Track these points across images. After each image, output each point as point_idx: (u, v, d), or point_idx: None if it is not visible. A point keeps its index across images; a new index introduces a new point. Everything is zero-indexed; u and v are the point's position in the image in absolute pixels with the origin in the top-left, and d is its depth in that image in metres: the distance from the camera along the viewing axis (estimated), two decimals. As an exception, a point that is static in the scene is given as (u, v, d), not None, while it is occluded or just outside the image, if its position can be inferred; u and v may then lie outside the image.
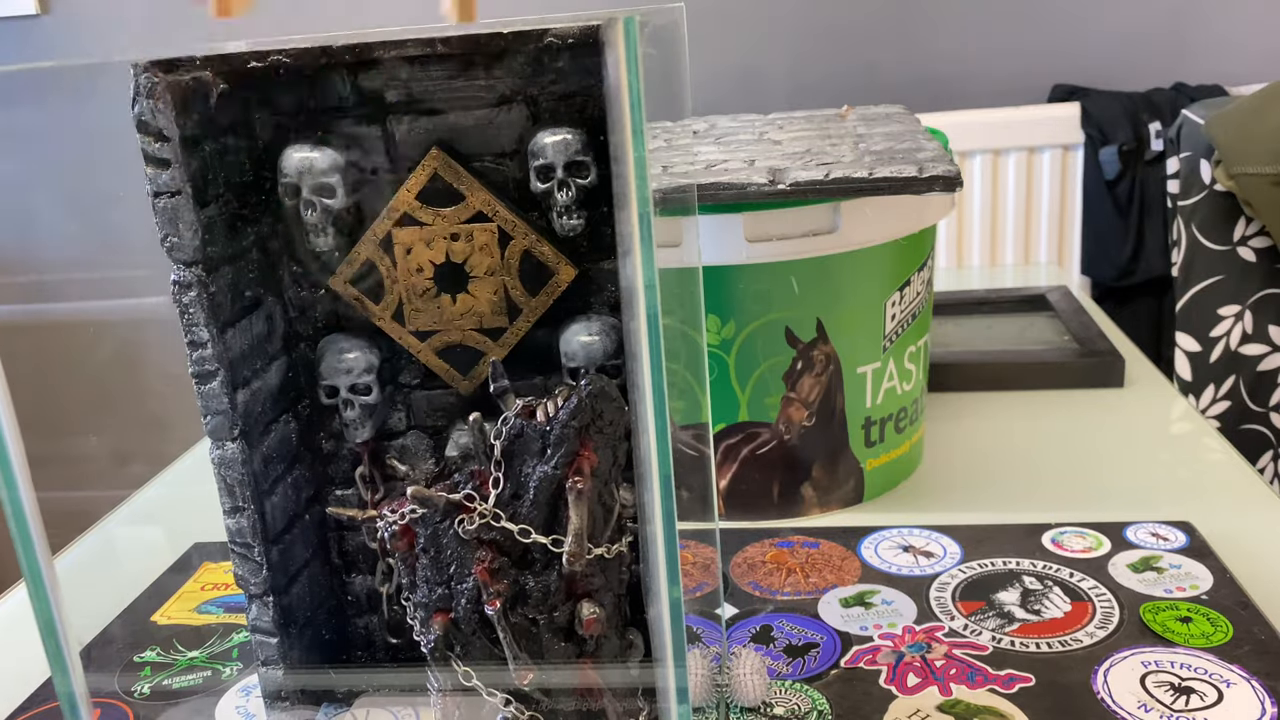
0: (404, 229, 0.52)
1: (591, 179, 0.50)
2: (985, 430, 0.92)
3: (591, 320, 0.52)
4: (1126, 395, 0.98)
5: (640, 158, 0.37)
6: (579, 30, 0.47)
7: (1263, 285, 1.47)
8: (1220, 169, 1.44)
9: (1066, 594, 0.64)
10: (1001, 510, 0.77)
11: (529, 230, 0.51)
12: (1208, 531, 0.70)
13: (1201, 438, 0.89)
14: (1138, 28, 2.07)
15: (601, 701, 0.49)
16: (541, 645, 0.48)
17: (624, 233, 0.38)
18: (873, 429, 0.78)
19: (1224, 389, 1.52)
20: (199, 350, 0.50)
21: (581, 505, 0.45)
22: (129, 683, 0.63)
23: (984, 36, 2.10)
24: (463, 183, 0.51)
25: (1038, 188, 2.06)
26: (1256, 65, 2.02)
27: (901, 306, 0.77)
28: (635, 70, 0.37)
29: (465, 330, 0.54)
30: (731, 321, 0.73)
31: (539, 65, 0.49)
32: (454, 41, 0.48)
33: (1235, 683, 0.55)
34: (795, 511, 0.78)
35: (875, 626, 0.62)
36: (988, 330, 1.15)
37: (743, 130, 0.90)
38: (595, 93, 0.49)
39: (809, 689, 0.57)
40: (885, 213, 0.73)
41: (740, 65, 2.13)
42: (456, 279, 0.53)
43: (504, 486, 0.46)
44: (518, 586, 0.47)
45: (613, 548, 0.48)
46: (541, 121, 0.50)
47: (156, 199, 0.48)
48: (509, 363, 0.53)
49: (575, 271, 0.52)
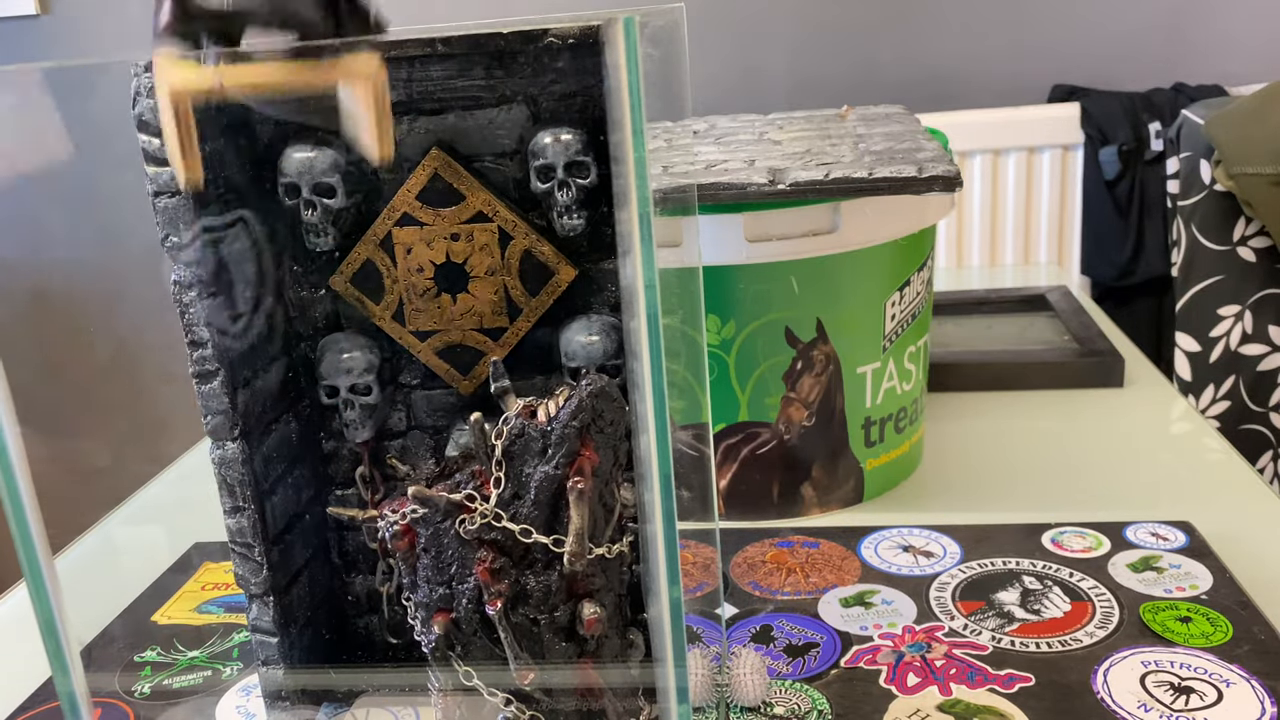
0: (404, 229, 0.52)
1: (591, 179, 0.50)
2: (985, 430, 0.92)
3: (592, 320, 0.52)
4: (1126, 395, 0.98)
5: (640, 158, 0.37)
6: (579, 30, 0.47)
7: (1262, 285, 1.47)
8: (1220, 169, 1.44)
9: (1066, 594, 0.64)
10: (1001, 510, 0.77)
11: (529, 230, 0.51)
12: (1207, 531, 0.70)
13: (1201, 438, 0.89)
14: (1138, 28, 2.06)
15: (602, 701, 0.49)
16: (542, 645, 0.48)
17: (624, 233, 0.38)
18: (873, 429, 0.78)
19: (1224, 389, 1.52)
20: (199, 350, 0.50)
21: (582, 505, 0.45)
22: (129, 682, 0.63)
23: (984, 36, 2.10)
24: (463, 183, 0.51)
25: (1038, 188, 2.06)
26: (1256, 65, 2.02)
27: (901, 306, 0.77)
28: (635, 70, 0.37)
29: (465, 330, 0.54)
30: (731, 321, 0.73)
31: (539, 65, 0.49)
32: (454, 41, 0.48)
33: (1235, 682, 0.55)
34: (795, 511, 0.78)
35: (875, 626, 0.63)
36: (988, 330, 1.15)
37: (743, 130, 0.90)
38: (595, 93, 0.49)
39: (809, 689, 0.57)
40: (885, 213, 0.73)
41: (740, 65, 2.13)
42: (457, 279, 0.53)
43: (505, 486, 0.46)
44: (519, 586, 0.47)
45: (613, 548, 0.48)
46: (541, 121, 0.50)
47: (156, 199, 0.49)
48: (509, 363, 0.53)
49: (575, 271, 0.52)
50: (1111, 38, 2.07)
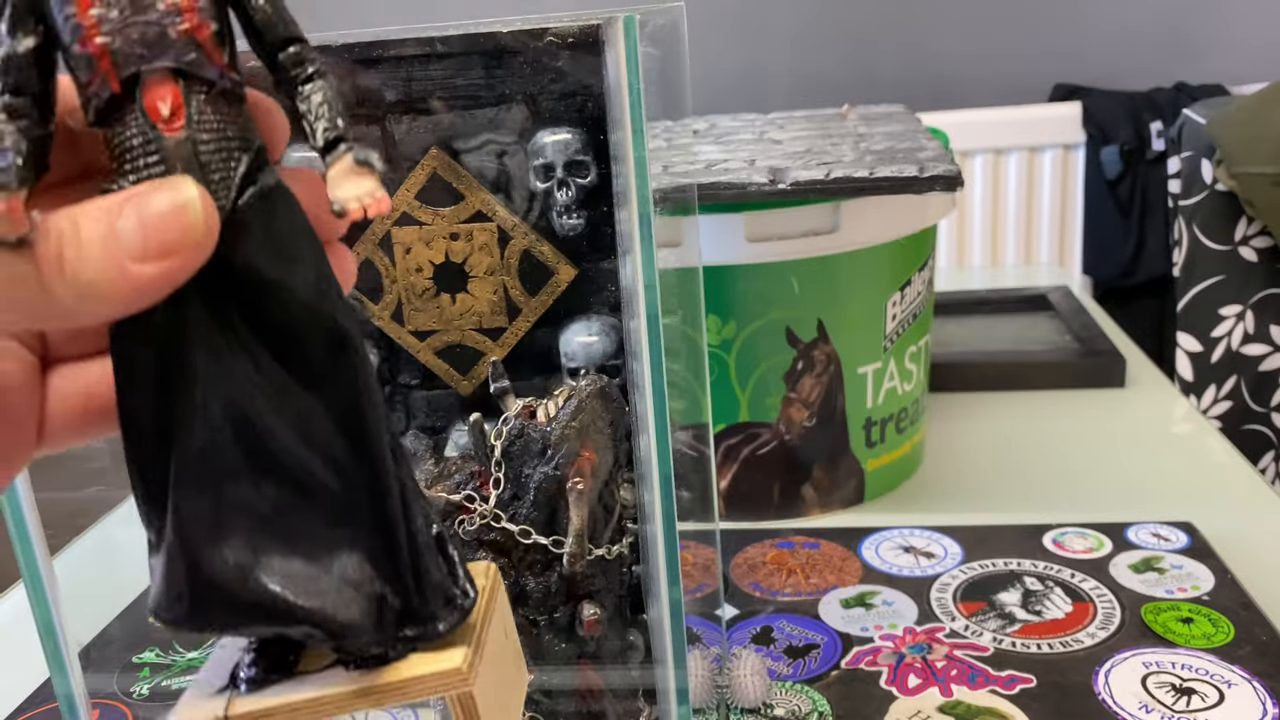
0: (403, 228, 0.52)
1: (591, 179, 0.50)
2: (986, 430, 0.92)
3: (591, 320, 0.52)
4: (1128, 395, 0.98)
5: (640, 157, 0.37)
6: (579, 30, 0.47)
7: (1264, 285, 1.47)
8: (1222, 169, 1.44)
9: (1068, 594, 0.64)
10: (1002, 511, 0.76)
11: (528, 230, 0.51)
12: (1209, 532, 0.70)
13: (1203, 438, 0.89)
14: (1139, 27, 2.06)
15: (602, 703, 0.49)
16: (542, 646, 0.47)
17: (624, 232, 0.38)
18: (873, 429, 0.78)
19: (1225, 389, 1.52)
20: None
21: (582, 506, 0.45)
22: (128, 683, 0.63)
23: (985, 36, 2.10)
24: (462, 182, 0.51)
25: (1039, 187, 2.06)
26: (1258, 65, 2.02)
27: (902, 306, 0.77)
28: (635, 70, 0.37)
29: (465, 330, 0.54)
30: (732, 321, 0.73)
31: (538, 64, 0.49)
32: (454, 41, 0.48)
33: (1236, 683, 0.55)
34: (796, 512, 0.78)
35: (876, 627, 0.62)
36: (989, 330, 1.14)
37: (743, 130, 0.90)
38: (595, 92, 0.49)
39: (809, 690, 0.57)
40: (886, 212, 0.73)
41: (740, 65, 2.12)
42: (456, 279, 0.53)
43: (504, 487, 0.46)
44: (518, 587, 0.47)
45: (613, 549, 0.48)
46: (541, 121, 0.50)
47: (155, 199, 0.48)
48: (509, 363, 0.52)
49: (575, 271, 0.52)
50: (1113, 37, 2.07)
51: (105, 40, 0.23)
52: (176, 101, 0.23)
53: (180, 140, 0.23)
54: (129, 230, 0.22)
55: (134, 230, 0.22)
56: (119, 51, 0.23)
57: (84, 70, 0.23)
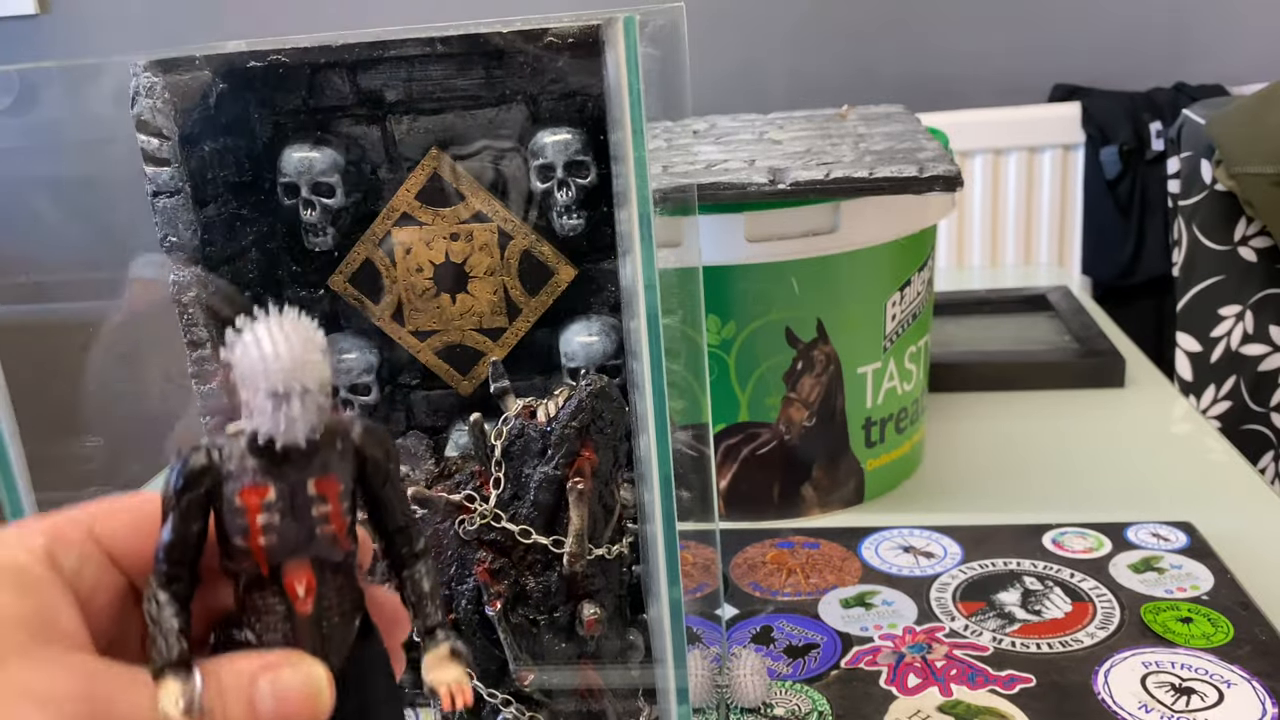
0: (403, 229, 0.52)
1: (591, 179, 0.50)
2: (986, 430, 0.92)
3: (591, 320, 0.52)
4: (1127, 395, 0.98)
5: (640, 157, 0.37)
6: (579, 30, 0.47)
7: (1263, 285, 1.47)
8: (1221, 169, 1.44)
9: (1067, 594, 0.64)
10: (1002, 511, 0.76)
11: (528, 230, 0.51)
12: (1208, 532, 0.70)
13: (1202, 438, 0.89)
14: (1138, 27, 2.06)
15: (602, 702, 0.49)
16: (542, 646, 0.47)
17: (624, 233, 0.38)
18: (873, 429, 0.78)
19: (1225, 389, 1.52)
20: (199, 350, 0.50)
21: (582, 506, 0.45)
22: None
23: (984, 36, 2.09)
24: (462, 182, 0.51)
25: (1038, 187, 2.06)
26: (1257, 65, 2.02)
27: (902, 306, 0.77)
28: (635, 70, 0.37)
29: (465, 330, 0.54)
30: (731, 321, 0.73)
31: (539, 65, 0.49)
32: (454, 41, 0.48)
33: (1236, 683, 0.55)
34: (796, 512, 0.78)
35: (876, 627, 0.62)
36: (988, 330, 1.14)
37: (743, 130, 0.90)
38: (595, 93, 0.49)
39: (809, 690, 0.57)
40: (886, 213, 0.73)
41: (740, 65, 2.12)
42: (456, 279, 0.53)
43: (504, 487, 0.46)
44: (518, 587, 0.47)
45: (613, 548, 0.48)
46: (541, 121, 0.50)
47: (156, 199, 0.48)
48: (509, 363, 0.53)
49: (575, 271, 0.52)
50: (1112, 37, 2.07)
51: (266, 541, 0.27)
52: (310, 585, 0.28)
53: (310, 617, 0.28)
54: (264, 702, 0.27)
55: (270, 705, 0.26)
56: (272, 548, 0.27)
57: (240, 555, 0.27)
